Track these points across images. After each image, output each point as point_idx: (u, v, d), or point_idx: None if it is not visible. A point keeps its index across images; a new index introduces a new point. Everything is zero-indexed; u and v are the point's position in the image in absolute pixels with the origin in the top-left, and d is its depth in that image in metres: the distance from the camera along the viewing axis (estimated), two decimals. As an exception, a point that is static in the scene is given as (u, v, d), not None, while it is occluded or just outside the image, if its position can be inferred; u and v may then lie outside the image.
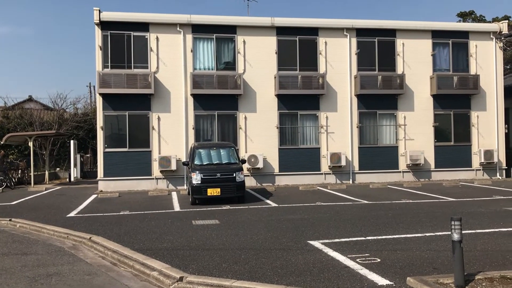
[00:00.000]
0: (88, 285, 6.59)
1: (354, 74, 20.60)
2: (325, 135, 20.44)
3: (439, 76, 20.88)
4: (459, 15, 43.31)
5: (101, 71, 18.77)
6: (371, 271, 6.56)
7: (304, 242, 8.59)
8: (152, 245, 8.58)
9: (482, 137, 21.51)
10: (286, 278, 6.34)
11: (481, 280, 5.88)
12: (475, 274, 6.09)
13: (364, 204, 13.87)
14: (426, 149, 20.95)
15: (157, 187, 19.15)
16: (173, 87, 19.51)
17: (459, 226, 5.76)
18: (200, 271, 6.77)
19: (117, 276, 7.04)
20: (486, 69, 21.63)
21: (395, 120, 21.00)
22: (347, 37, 20.62)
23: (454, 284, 5.71)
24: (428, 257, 7.27)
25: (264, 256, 7.55)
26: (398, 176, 20.85)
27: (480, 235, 8.92)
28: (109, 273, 7.18)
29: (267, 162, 19.85)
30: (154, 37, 19.43)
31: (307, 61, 20.39)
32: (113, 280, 6.84)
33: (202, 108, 19.66)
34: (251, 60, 19.99)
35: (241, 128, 19.86)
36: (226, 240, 8.94)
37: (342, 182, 20.27)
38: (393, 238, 8.77)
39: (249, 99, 19.93)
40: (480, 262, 6.88)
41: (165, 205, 14.43)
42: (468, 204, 13.31)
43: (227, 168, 14.64)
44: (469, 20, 41.33)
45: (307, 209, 12.96)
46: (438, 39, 21.32)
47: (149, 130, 19.30)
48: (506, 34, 22.16)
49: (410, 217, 11.23)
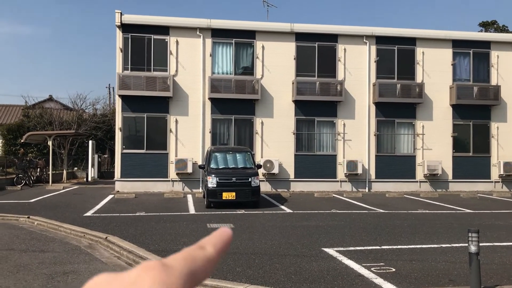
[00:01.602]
0: (103, 284, 6.64)
1: (373, 81, 20.51)
2: (342, 142, 20.36)
3: (459, 86, 20.67)
4: (480, 24, 42.81)
5: (121, 73, 19.00)
6: (385, 280, 6.51)
7: (319, 249, 8.56)
8: (167, 247, 8.64)
9: (502, 149, 21.20)
10: (300, 284, 6.33)
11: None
12: (491, 287, 6.00)
13: (380, 213, 13.77)
14: (444, 159, 20.72)
15: (173, 189, 19.26)
16: (191, 90, 19.65)
17: (476, 238, 5.69)
18: (214, 275, 6.77)
19: (132, 276, 7.09)
20: (508, 80, 21.34)
21: (413, 129, 20.82)
22: (366, 45, 20.55)
23: (470, 297, 5.64)
24: (444, 268, 7.19)
25: (278, 262, 7.55)
26: (415, 186, 20.64)
27: (497, 248, 8.79)
28: (124, 273, 7.23)
29: (283, 168, 19.83)
30: (174, 41, 19.61)
31: (326, 68, 20.36)
32: (128, 280, 6.88)
33: (219, 112, 19.75)
34: (269, 65, 20.04)
35: (258, 133, 19.90)
36: (240, 244, 8.95)
37: (358, 190, 20.16)
38: (409, 248, 8.69)
39: (266, 104, 19.96)
40: (497, 276, 6.78)
41: (180, 207, 14.50)
42: (485, 216, 13.12)
43: (242, 172, 14.68)
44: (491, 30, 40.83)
45: (322, 216, 12.91)
46: (459, 48, 21.12)
47: (167, 132, 19.45)
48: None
49: (427, 227, 11.11)
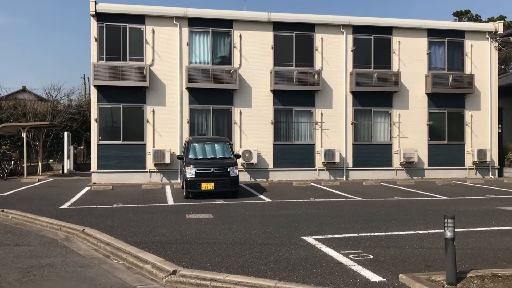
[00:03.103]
0: (80, 277, 6.57)
1: (350, 71, 20.62)
2: (320, 132, 20.47)
3: (434, 74, 20.95)
4: (455, 14, 43.43)
5: (96, 63, 18.67)
6: (363, 267, 6.59)
7: (298, 237, 8.61)
8: (145, 238, 8.57)
9: (476, 136, 21.62)
10: (279, 273, 6.36)
11: (473, 278, 5.93)
12: (466, 271, 6.13)
13: (358, 200, 13.92)
14: (420, 147, 21.04)
15: (150, 180, 19.11)
16: (169, 80, 19.45)
17: (452, 224, 5.80)
18: (193, 265, 6.77)
19: (110, 268, 7.03)
20: (481, 69, 21.72)
21: (389, 117, 21.06)
22: (343, 34, 20.62)
23: (446, 282, 5.75)
24: (421, 254, 7.31)
25: (257, 251, 7.56)
26: (392, 174, 20.93)
27: (472, 233, 8.98)
28: (102, 266, 7.17)
29: (262, 158, 19.86)
30: (150, 30, 19.34)
31: (303, 57, 20.38)
32: (106, 272, 6.83)
33: (197, 102, 19.62)
34: (247, 55, 19.96)
35: (236, 123, 19.85)
36: (219, 234, 8.94)
37: (336, 178, 20.34)
38: (386, 235, 8.81)
39: (244, 94, 19.90)
40: (471, 260, 6.93)
41: (158, 198, 14.41)
42: (460, 203, 13.39)
43: (221, 162, 14.64)
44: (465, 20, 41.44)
45: (301, 204, 12.99)
46: (434, 37, 21.38)
47: (144, 123, 19.25)
48: (502, 34, 22.25)
49: (403, 214, 11.29)
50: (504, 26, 23.58)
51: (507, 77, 26.20)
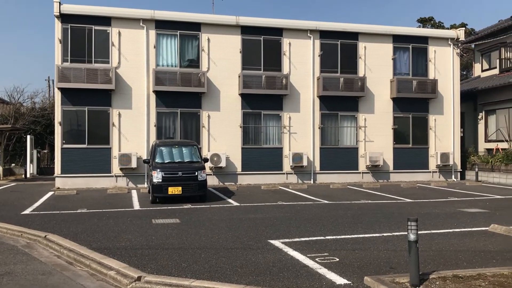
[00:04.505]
0: (41, 285, 6.38)
1: (317, 75, 20.84)
2: (288, 135, 20.59)
3: (399, 79, 21.39)
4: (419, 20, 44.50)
5: (60, 65, 18.26)
6: (329, 270, 6.64)
7: (265, 241, 8.62)
8: (110, 244, 8.41)
9: (439, 140, 22.18)
10: (246, 277, 6.34)
11: (435, 279, 6.05)
12: (429, 273, 6.26)
13: (325, 204, 14.05)
14: (385, 151, 21.43)
15: (116, 185, 18.79)
16: (135, 83, 19.20)
17: (415, 227, 5.91)
18: (159, 271, 6.68)
19: (72, 275, 6.86)
20: (444, 74, 22.32)
21: (355, 122, 21.37)
22: (310, 39, 20.83)
23: (409, 283, 5.85)
24: (385, 257, 7.42)
25: (224, 256, 7.52)
26: (358, 177, 21.23)
27: (435, 235, 9.19)
28: (64, 273, 6.99)
29: (230, 161, 19.81)
30: (116, 32, 19.06)
31: (271, 61, 20.49)
32: (68, 279, 6.65)
33: (164, 105, 19.43)
34: (216, 58, 19.91)
35: (204, 126, 19.75)
36: (186, 239, 8.86)
37: (304, 182, 20.47)
38: (352, 238, 8.91)
39: (212, 97, 19.84)
40: (434, 262, 7.08)
41: (124, 203, 14.17)
42: (424, 205, 13.69)
43: (189, 166, 14.52)
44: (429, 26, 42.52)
45: (269, 208, 13.01)
46: (399, 43, 21.85)
47: (109, 126, 18.92)
48: (463, 41, 22.94)
49: (369, 217, 11.45)
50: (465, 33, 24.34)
51: (468, 83, 27.00)
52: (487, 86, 23.09)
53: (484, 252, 7.75)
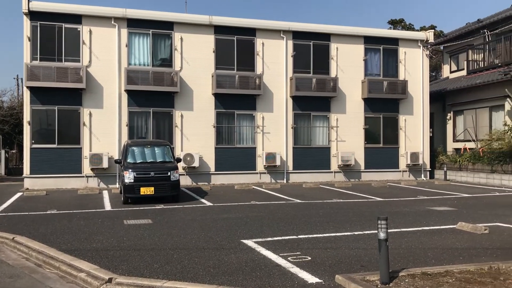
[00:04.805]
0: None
1: (290, 76, 20.97)
2: (261, 135, 20.65)
3: (370, 80, 21.71)
4: (390, 22, 45.19)
5: (29, 63, 17.86)
6: (301, 269, 6.70)
7: (238, 241, 8.63)
8: (80, 246, 8.28)
9: (409, 140, 22.61)
10: (218, 277, 6.35)
11: (404, 276, 6.18)
12: (399, 271, 6.38)
13: (297, 203, 14.15)
14: (357, 150, 21.73)
15: (87, 185, 18.50)
16: (107, 82, 18.94)
17: (385, 225, 6.02)
18: (130, 272, 6.62)
19: (41, 278, 6.73)
20: (414, 75, 22.76)
21: (328, 122, 21.59)
22: (283, 39, 20.94)
23: (379, 281, 5.95)
24: (357, 255, 7.54)
25: (197, 256, 7.51)
26: (330, 176, 21.46)
27: (405, 233, 9.37)
28: (33, 275, 6.85)
29: (203, 161, 19.75)
30: (87, 30, 18.75)
31: (245, 61, 20.51)
32: (37, 282, 6.53)
33: (136, 104, 19.22)
34: (189, 57, 19.81)
35: (177, 126, 19.63)
36: (158, 240, 8.80)
37: (277, 181, 20.57)
38: (324, 237, 9.01)
39: (185, 97, 19.73)
40: (404, 260, 7.22)
41: (95, 204, 13.97)
42: (394, 204, 13.94)
43: (161, 166, 14.42)
44: (399, 28, 43.24)
45: (242, 208, 13.03)
46: (370, 44, 22.17)
47: (80, 126, 18.61)
48: (432, 43, 23.44)
49: (340, 216, 11.59)
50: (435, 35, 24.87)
51: (437, 84, 27.60)
52: (455, 87, 23.66)
53: (452, 249, 7.95)
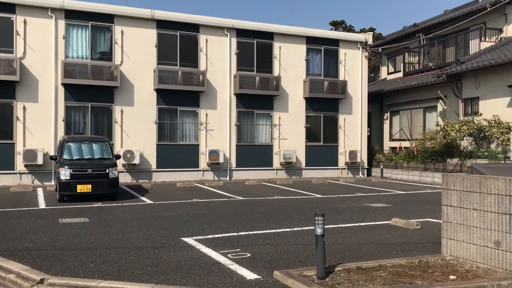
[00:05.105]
0: None
1: (234, 73, 20.98)
2: (205, 132, 20.55)
3: (312, 80, 22.14)
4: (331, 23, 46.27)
5: (-45, 53, 16.80)
6: (241, 266, 6.73)
7: (178, 239, 8.55)
8: (10, 246, 7.90)
9: (348, 139, 23.28)
10: (156, 276, 6.25)
11: (340, 271, 6.35)
12: (335, 266, 6.56)
13: (239, 200, 14.21)
14: (298, 148, 22.11)
15: (20, 182, 17.66)
16: (42, 75, 18.15)
17: (322, 221, 6.16)
18: (64, 272, 6.38)
19: (-34, 281, 6.36)
20: (353, 76, 23.44)
21: (270, 120, 21.82)
22: (227, 37, 20.92)
23: (316, 276, 6.08)
24: (295, 251, 7.67)
25: (134, 255, 7.36)
26: (272, 174, 21.71)
27: (342, 229, 9.64)
28: (-44, 278, 6.46)
29: (144, 158, 19.39)
30: (22, 20, 17.88)
31: (188, 57, 20.31)
32: (-39, 285, 6.16)
33: (74, 99, 18.56)
34: (130, 52, 19.36)
35: (117, 122, 19.14)
36: (95, 239, 8.55)
37: (220, 178, 20.56)
38: (264, 233, 9.10)
39: (126, 92, 19.27)
40: (340, 255, 7.43)
41: (29, 202, 13.37)
42: (333, 201, 14.31)
43: (99, 163, 14.01)
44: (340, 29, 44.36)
45: (183, 205, 12.92)
46: (312, 45, 22.60)
47: (13, 120, 17.73)
48: (371, 45, 24.24)
49: (281, 212, 11.75)
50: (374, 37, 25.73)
51: (375, 85, 28.60)
52: (392, 88, 24.61)
53: (386, 244, 8.26)
